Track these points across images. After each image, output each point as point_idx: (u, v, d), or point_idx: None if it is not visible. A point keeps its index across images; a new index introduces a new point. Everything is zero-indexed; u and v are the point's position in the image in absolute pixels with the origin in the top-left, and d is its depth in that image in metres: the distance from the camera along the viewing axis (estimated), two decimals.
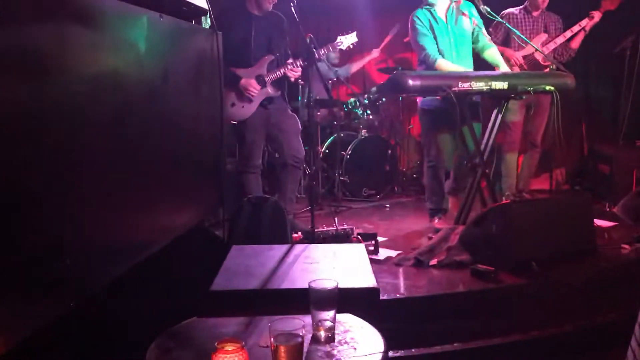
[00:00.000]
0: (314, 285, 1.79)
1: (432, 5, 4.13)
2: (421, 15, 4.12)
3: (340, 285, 1.90)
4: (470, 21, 4.19)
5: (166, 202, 2.44)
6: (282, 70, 4.01)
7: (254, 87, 3.96)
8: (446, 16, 4.13)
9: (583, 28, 4.60)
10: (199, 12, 2.77)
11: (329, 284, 1.81)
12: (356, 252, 2.68)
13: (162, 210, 2.40)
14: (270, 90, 4.04)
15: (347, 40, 4.20)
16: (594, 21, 4.59)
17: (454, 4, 4.15)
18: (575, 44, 4.70)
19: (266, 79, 4.01)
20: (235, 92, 3.96)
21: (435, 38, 4.10)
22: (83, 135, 1.77)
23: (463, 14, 4.17)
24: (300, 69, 4.02)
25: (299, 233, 3.57)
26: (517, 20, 4.74)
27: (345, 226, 3.68)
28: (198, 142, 2.84)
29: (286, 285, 2.25)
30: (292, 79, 4.09)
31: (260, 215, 3.25)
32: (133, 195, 2.13)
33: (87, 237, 1.80)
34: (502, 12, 4.70)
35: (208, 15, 2.92)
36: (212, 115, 2.99)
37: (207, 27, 3.31)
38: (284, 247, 2.74)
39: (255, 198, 3.35)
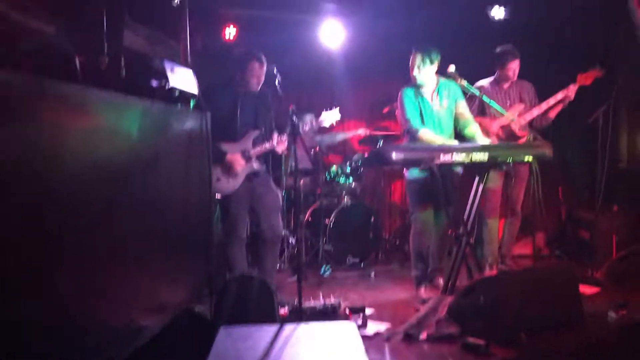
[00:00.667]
0: None
1: (420, 86, 4.30)
2: (410, 93, 4.33)
3: None
4: (451, 100, 4.34)
5: (155, 288, 2.41)
6: (267, 145, 4.07)
7: (239, 162, 4.01)
8: (432, 97, 4.32)
9: (561, 101, 4.78)
10: (189, 96, 2.82)
11: None
12: (347, 332, 2.65)
13: (150, 297, 2.36)
14: (255, 164, 4.09)
15: (330, 117, 4.30)
16: (570, 95, 4.78)
17: (440, 85, 4.34)
18: (553, 114, 4.87)
19: (251, 153, 4.07)
20: (221, 167, 3.99)
21: (421, 116, 4.26)
22: (72, 227, 1.77)
23: (445, 92, 4.33)
24: (286, 142, 4.08)
25: (286, 308, 3.53)
26: (489, 92, 4.90)
27: (332, 299, 3.65)
28: (187, 222, 2.84)
29: None
30: (279, 152, 4.14)
31: (247, 293, 3.21)
32: (122, 284, 2.10)
33: (71, 331, 1.76)
34: (475, 84, 4.86)
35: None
36: (200, 193, 3.00)
37: (194, 104, 3.38)
38: (273, 328, 2.69)
39: (241, 276, 3.31)
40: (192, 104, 3.40)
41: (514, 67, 4.85)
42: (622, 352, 3.20)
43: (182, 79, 2.63)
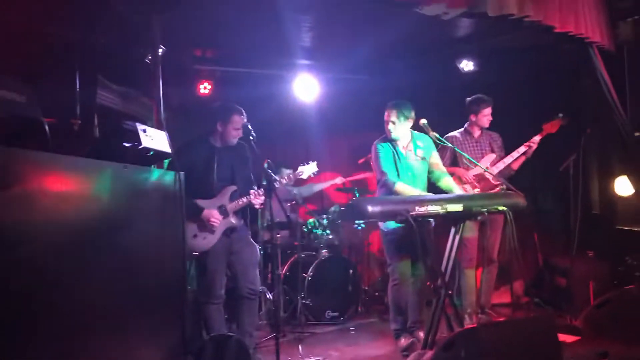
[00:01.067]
0: None
1: (394, 140, 4.36)
2: (385, 146, 4.38)
3: None
4: (416, 154, 4.40)
5: (128, 351, 2.34)
6: (244, 200, 4.04)
7: (216, 217, 3.95)
8: (406, 150, 4.37)
9: (524, 153, 4.90)
10: (162, 156, 2.81)
11: None
12: None
13: None
14: (232, 220, 4.04)
15: (308, 170, 4.33)
16: (533, 148, 4.90)
17: (414, 138, 4.42)
18: (516, 165, 4.97)
19: (228, 208, 4.03)
20: (198, 224, 3.94)
21: (396, 169, 4.30)
22: (42, 291, 1.74)
23: (419, 145, 4.40)
24: (262, 196, 4.05)
25: None
26: (461, 142, 5.00)
27: (312, 358, 3.57)
28: (161, 282, 2.77)
29: None
30: (257, 207, 4.09)
31: (224, 355, 3.12)
32: (94, 348, 2.03)
33: None
34: (446, 136, 4.94)
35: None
36: (174, 253, 2.94)
37: (168, 164, 3.37)
38: None
39: (217, 336, 3.23)
40: (165, 163, 3.40)
41: (488, 113, 4.97)
42: None
43: (155, 139, 2.62)
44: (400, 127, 4.31)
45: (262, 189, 4.04)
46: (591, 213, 5.64)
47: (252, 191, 4.06)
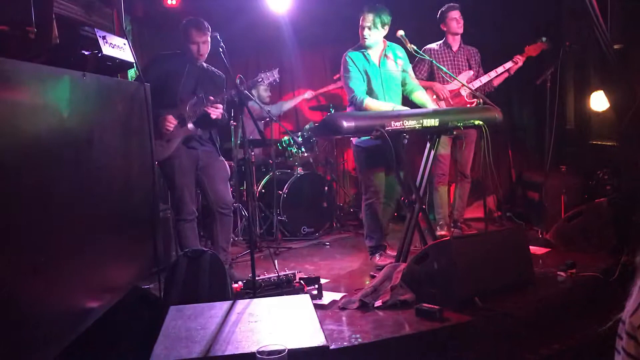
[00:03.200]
0: (262, 351, 1.70)
1: (367, 48, 4.20)
2: (355, 57, 4.20)
3: (289, 346, 1.82)
4: (396, 64, 4.28)
5: (99, 268, 2.30)
6: (202, 108, 3.93)
7: (169, 121, 3.86)
8: (379, 60, 4.22)
9: (507, 70, 4.83)
10: (124, 65, 2.66)
11: (277, 349, 1.72)
12: (301, 304, 2.60)
13: (95, 278, 2.25)
14: (190, 127, 3.94)
15: (268, 77, 4.13)
16: (517, 66, 4.84)
17: (389, 48, 4.27)
18: (497, 82, 4.93)
19: (186, 116, 3.92)
20: (155, 132, 3.85)
21: (368, 80, 4.17)
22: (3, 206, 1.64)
23: (390, 56, 4.26)
24: (220, 106, 3.95)
25: (239, 283, 3.45)
26: (439, 55, 4.90)
27: (287, 271, 3.59)
28: (130, 197, 2.71)
29: (231, 350, 2.14)
30: (213, 117, 3.96)
31: (198, 270, 3.11)
32: (63, 264, 1.98)
33: (12, 316, 1.65)
34: (424, 48, 4.84)
35: (135, 67, 2.81)
36: (143, 167, 2.87)
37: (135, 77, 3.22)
38: (225, 305, 2.62)
39: (191, 252, 3.21)
40: (130, 75, 3.24)
41: (454, 16, 4.86)
42: (571, 311, 3.28)
43: (117, 47, 2.47)
44: (375, 34, 4.14)
45: (220, 101, 3.94)
46: (565, 128, 5.65)
47: (210, 98, 3.93)
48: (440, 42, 4.98)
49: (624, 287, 1.10)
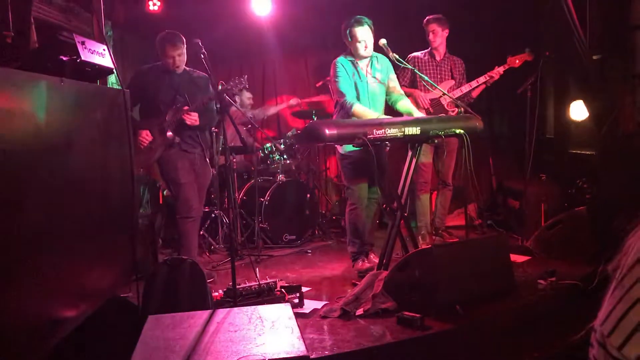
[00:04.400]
0: None
1: (359, 59, 4.23)
2: (345, 64, 4.23)
3: (269, 356, 1.80)
4: (381, 73, 4.29)
5: (76, 276, 2.26)
6: (178, 116, 4.07)
7: (143, 137, 4.06)
8: (367, 70, 4.24)
9: (485, 82, 4.86)
10: (104, 71, 2.63)
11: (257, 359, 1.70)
12: (281, 313, 2.58)
13: (72, 286, 2.21)
14: (168, 134, 4.09)
15: (237, 85, 4.14)
16: (495, 78, 4.86)
17: (373, 58, 4.28)
18: (475, 93, 4.96)
19: (165, 125, 4.08)
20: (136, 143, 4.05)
21: (356, 88, 4.18)
22: None
23: (377, 66, 4.28)
24: (194, 114, 4.08)
25: (219, 291, 3.42)
26: (422, 64, 4.92)
27: (268, 280, 3.57)
28: (108, 204, 2.67)
29: None
30: (188, 123, 4.09)
31: (178, 279, 3.07)
32: (38, 273, 1.94)
33: None
34: (408, 56, 4.87)
35: (115, 73, 2.78)
36: (122, 174, 2.83)
37: (115, 84, 3.20)
38: (205, 314, 2.58)
39: (171, 260, 3.17)
40: (110, 81, 3.21)
41: (430, 29, 4.90)
42: (552, 319, 3.30)
43: (96, 53, 2.44)
44: (370, 47, 4.19)
45: (194, 108, 4.08)
46: (545, 137, 5.71)
47: (185, 107, 4.07)
48: (426, 50, 5.01)
49: (602, 295, 1.10)
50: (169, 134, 4.08)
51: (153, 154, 4.08)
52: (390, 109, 4.43)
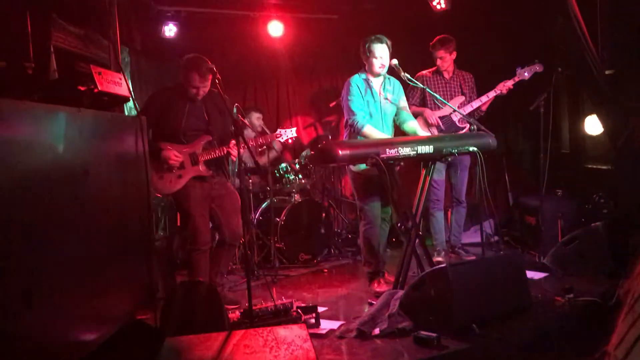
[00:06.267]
0: None
1: (372, 77, 4.28)
2: (359, 83, 4.27)
3: None
4: (396, 95, 4.34)
5: (94, 300, 2.30)
6: (219, 151, 3.98)
7: (175, 155, 3.88)
8: (380, 90, 4.28)
9: (496, 96, 4.86)
10: (120, 99, 2.69)
11: None
12: (297, 335, 2.60)
13: (90, 310, 2.25)
14: (201, 168, 3.98)
15: (287, 134, 4.24)
16: (504, 92, 4.85)
17: (386, 80, 4.34)
18: (485, 106, 4.95)
19: (199, 157, 3.97)
20: (165, 166, 3.92)
21: (368, 107, 4.23)
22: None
23: (388, 87, 4.34)
24: (234, 145, 3.94)
25: (236, 312, 3.44)
26: (430, 82, 4.94)
27: (284, 300, 3.59)
28: (125, 229, 2.72)
29: None
30: (233, 158, 4.05)
31: (195, 301, 3.10)
32: (57, 298, 1.98)
33: (2, 350, 1.65)
34: (416, 75, 4.90)
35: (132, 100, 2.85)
36: (138, 199, 2.88)
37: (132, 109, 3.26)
38: (221, 337, 2.61)
39: (188, 282, 3.21)
40: (126, 108, 3.28)
41: (439, 55, 4.92)
42: (570, 337, 3.26)
43: (112, 81, 2.51)
44: (387, 65, 4.24)
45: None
46: (561, 152, 5.69)
47: (232, 142, 3.96)
48: (433, 69, 5.04)
49: (616, 316, 1.11)
50: (202, 167, 3.97)
51: (182, 181, 3.94)
52: (397, 128, 4.46)
